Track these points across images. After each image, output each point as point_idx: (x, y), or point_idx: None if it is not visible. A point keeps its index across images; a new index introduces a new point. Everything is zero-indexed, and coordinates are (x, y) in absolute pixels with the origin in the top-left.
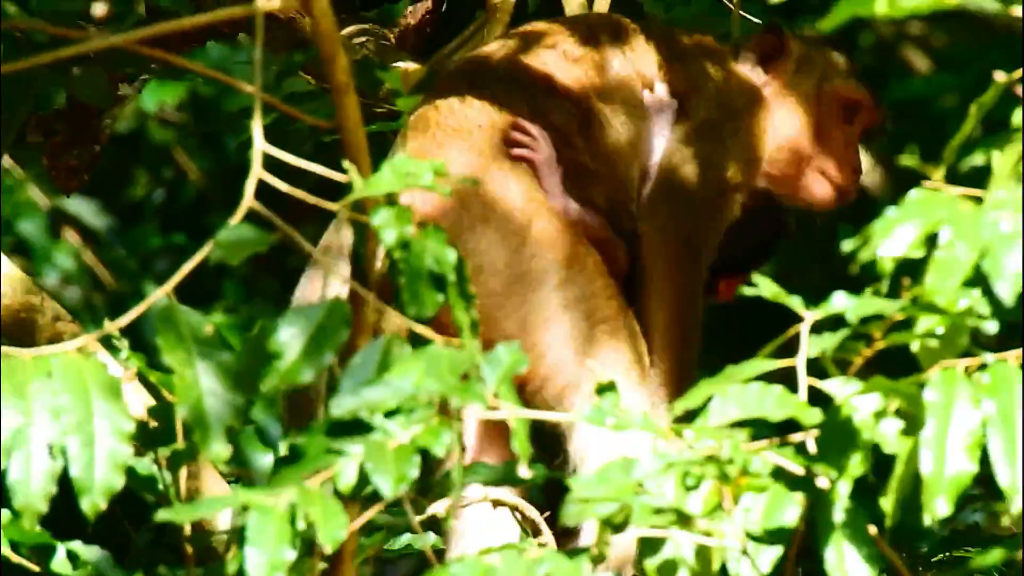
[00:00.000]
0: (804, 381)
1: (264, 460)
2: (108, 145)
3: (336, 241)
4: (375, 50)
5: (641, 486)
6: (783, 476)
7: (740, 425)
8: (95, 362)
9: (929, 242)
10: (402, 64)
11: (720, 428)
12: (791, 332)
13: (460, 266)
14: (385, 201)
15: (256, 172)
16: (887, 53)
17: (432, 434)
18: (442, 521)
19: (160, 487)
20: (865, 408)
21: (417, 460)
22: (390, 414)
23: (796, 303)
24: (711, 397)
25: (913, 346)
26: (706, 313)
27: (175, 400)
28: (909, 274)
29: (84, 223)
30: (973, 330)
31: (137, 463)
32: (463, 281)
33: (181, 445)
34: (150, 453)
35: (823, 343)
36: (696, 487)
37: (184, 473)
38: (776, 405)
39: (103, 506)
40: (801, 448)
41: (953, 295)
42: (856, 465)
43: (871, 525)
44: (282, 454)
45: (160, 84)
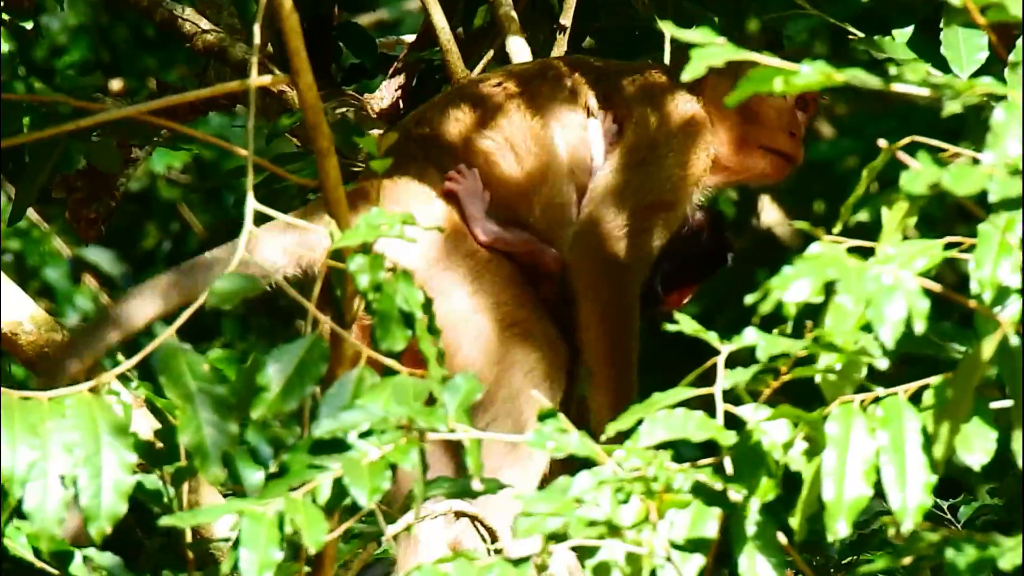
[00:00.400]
0: (721, 407)
1: (255, 477)
2: (123, 201)
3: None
4: (355, 119)
5: (579, 501)
6: (703, 492)
7: (666, 446)
8: (103, 402)
9: (828, 288)
10: (376, 131)
11: (647, 449)
12: (709, 364)
13: (428, 305)
14: (360, 249)
15: (248, 227)
16: None
17: (401, 452)
18: (404, 531)
19: (165, 500)
20: (774, 432)
21: (389, 474)
22: (364, 435)
23: (713, 338)
24: (641, 420)
25: (816, 378)
26: (648, 342)
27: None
28: (811, 317)
29: (101, 270)
30: (868, 364)
31: (145, 479)
32: (431, 318)
33: (183, 463)
34: (156, 470)
35: (738, 375)
36: (626, 501)
37: (186, 487)
38: (697, 428)
39: (108, 530)
40: (719, 468)
41: (849, 336)
42: (765, 483)
43: (781, 534)
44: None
45: (168, 149)
